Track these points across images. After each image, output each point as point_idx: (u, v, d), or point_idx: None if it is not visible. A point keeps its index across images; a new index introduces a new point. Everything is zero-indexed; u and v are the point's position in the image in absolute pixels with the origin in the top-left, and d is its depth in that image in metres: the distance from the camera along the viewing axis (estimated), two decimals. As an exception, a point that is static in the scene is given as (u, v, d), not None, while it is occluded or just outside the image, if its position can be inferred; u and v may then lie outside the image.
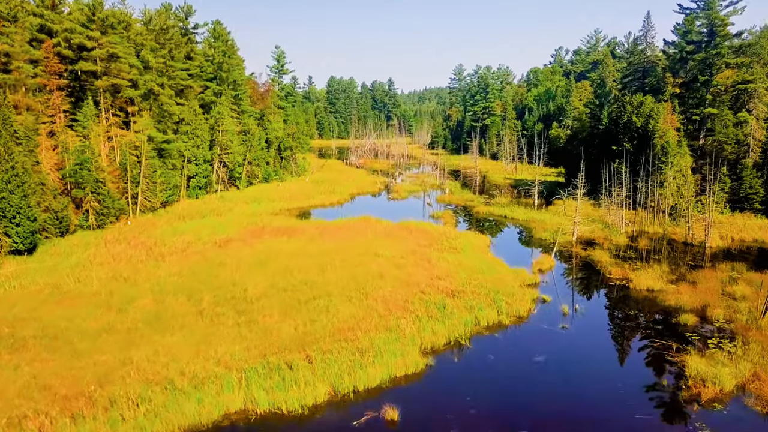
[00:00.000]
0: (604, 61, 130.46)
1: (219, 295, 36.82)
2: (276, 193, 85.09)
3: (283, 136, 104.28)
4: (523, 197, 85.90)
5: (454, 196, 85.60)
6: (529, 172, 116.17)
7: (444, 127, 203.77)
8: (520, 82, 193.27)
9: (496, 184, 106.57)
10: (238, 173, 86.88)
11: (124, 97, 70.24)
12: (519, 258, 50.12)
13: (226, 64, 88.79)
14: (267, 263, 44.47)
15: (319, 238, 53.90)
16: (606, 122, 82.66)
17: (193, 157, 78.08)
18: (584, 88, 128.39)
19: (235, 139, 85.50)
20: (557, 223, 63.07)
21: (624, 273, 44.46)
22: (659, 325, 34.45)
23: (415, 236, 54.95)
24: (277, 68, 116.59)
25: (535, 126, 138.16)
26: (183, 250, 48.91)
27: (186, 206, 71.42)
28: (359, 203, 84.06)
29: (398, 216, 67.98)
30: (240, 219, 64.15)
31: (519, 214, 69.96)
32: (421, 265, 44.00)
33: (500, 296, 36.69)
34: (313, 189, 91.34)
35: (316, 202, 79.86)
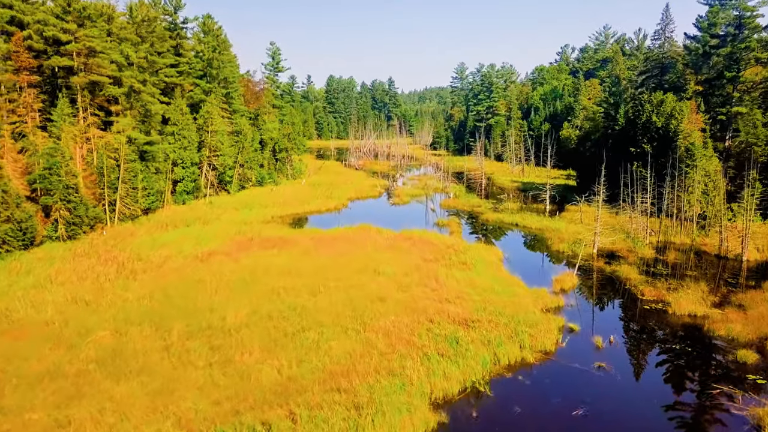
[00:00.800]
0: (614, 59, 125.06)
1: (192, 325, 31.41)
2: (269, 198, 79.68)
3: (278, 137, 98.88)
4: (533, 202, 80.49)
5: (459, 201, 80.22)
6: (537, 174, 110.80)
7: (446, 128, 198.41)
8: (524, 81, 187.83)
9: (502, 188, 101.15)
10: (229, 177, 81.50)
11: (106, 95, 64.83)
12: (537, 275, 44.71)
13: (217, 60, 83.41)
14: (252, 283, 39.06)
15: (312, 250, 48.48)
16: (622, 122, 77.26)
17: (179, 159, 72.71)
18: (593, 87, 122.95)
19: (225, 141, 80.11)
20: (574, 233, 57.67)
21: (658, 293, 39.03)
22: (713, 363, 29.06)
23: (420, 248, 49.55)
24: (273, 66, 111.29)
25: (541, 126, 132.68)
26: (159, 265, 43.48)
27: (170, 213, 66.00)
28: (358, 209, 78.67)
29: (400, 223, 62.59)
30: (228, 228, 58.73)
31: (531, 221, 64.54)
32: (428, 285, 38.57)
33: (522, 326, 31.27)
34: (309, 193, 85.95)
35: (311, 208, 74.46)
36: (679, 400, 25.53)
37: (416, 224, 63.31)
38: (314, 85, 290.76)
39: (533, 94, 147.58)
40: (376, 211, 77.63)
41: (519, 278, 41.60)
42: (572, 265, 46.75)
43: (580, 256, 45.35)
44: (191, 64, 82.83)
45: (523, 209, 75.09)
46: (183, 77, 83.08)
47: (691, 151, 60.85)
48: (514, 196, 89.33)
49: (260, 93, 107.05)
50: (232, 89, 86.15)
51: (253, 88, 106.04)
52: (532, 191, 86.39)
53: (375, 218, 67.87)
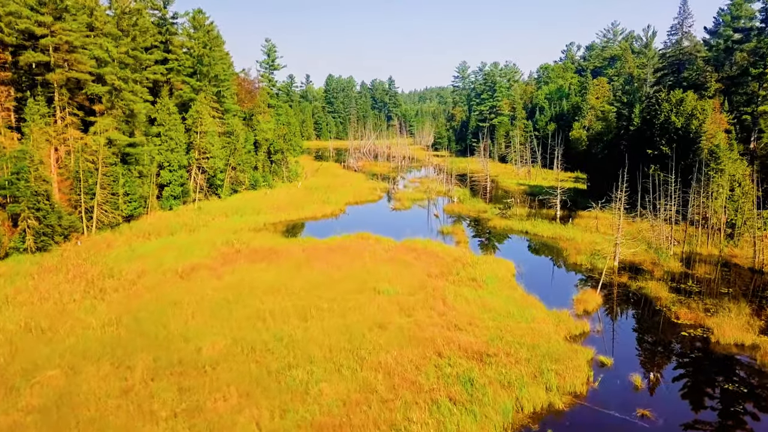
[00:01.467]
0: (623, 56, 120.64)
1: (161, 359, 26.86)
2: (263, 203, 75.11)
3: (273, 138, 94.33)
4: (542, 207, 75.90)
5: (463, 206, 75.66)
6: (544, 177, 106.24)
7: (447, 128, 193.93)
8: (527, 80, 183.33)
9: (508, 191, 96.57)
10: (220, 180, 76.95)
11: (88, 93, 60.26)
12: (555, 293, 40.15)
13: (207, 57, 78.84)
14: (235, 305, 34.50)
15: (305, 264, 43.91)
16: (638, 122, 72.71)
17: (166, 162, 68.16)
18: (601, 85, 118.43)
19: (216, 142, 75.55)
20: (591, 243, 53.14)
21: (695, 317, 34.47)
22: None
23: (424, 261, 44.99)
24: (268, 63, 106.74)
25: (547, 126, 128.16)
26: (133, 283, 38.90)
27: (155, 220, 61.44)
28: (356, 215, 74.11)
29: (401, 231, 58.10)
30: (215, 237, 54.16)
31: (543, 229, 59.95)
32: (434, 308, 34.00)
33: (546, 361, 26.72)
34: (305, 197, 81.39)
35: (307, 214, 69.86)
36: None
37: (419, 232, 58.82)
38: (313, 84, 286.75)
39: (538, 94, 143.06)
40: (376, 217, 73.08)
41: (536, 297, 37.05)
42: (593, 281, 42.21)
43: (603, 274, 40.70)
44: (180, 61, 78.28)
45: (532, 215, 70.49)
46: (173, 75, 78.62)
47: (715, 153, 56.32)
48: (522, 200, 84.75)
49: (255, 92, 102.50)
50: (224, 87, 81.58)
51: (248, 86, 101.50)
52: (541, 195, 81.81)
53: (374, 225, 63.37)
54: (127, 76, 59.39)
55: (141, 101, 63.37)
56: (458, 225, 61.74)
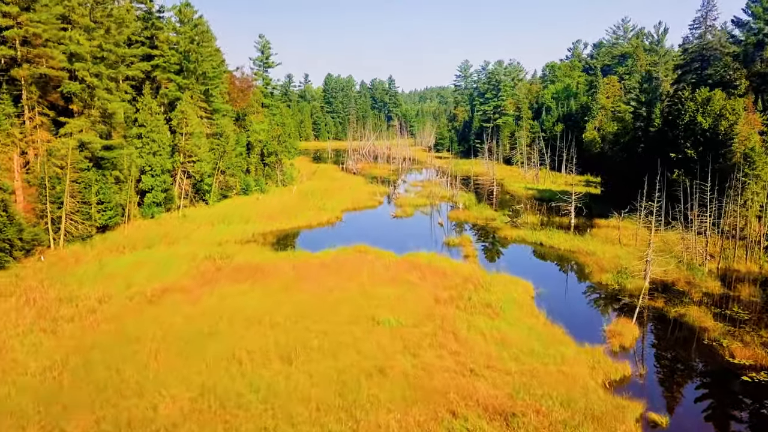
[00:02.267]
0: (635, 54, 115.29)
1: (105, 420, 21.50)
2: (253, 210, 69.72)
3: (267, 140, 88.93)
4: (553, 213, 70.52)
5: (469, 213, 70.24)
6: (553, 180, 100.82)
7: (449, 128, 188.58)
8: (532, 79, 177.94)
9: (515, 196, 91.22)
10: (207, 185, 71.52)
11: (64, 91, 54.81)
12: (582, 320, 34.78)
13: (195, 53, 73.42)
14: (208, 339, 29.14)
15: (294, 285, 38.54)
16: (659, 123, 67.35)
17: (148, 166, 62.74)
18: (612, 84, 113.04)
19: (203, 144, 70.13)
20: (614, 257, 47.77)
21: (754, 354, 29.07)
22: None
23: (430, 281, 39.60)
24: (262, 60, 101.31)
25: (554, 127, 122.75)
26: (93, 310, 33.48)
27: (133, 231, 56.05)
28: (354, 223, 68.72)
29: (403, 242, 52.86)
30: (196, 250, 48.76)
31: (559, 240, 54.54)
32: (445, 344, 28.62)
33: (586, 424, 21.33)
34: (299, 203, 75.99)
35: (300, 223, 64.41)
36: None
37: (422, 243, 53.47)
38: (312, 84, 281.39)
39: (544, 93, 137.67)
40: (375, 225, 67.70)
41: (562, 327, 31.71)
42: (624, 305, 36.85)
43: (640, 300, 35.18)
44: (166, 57, 72.84)
45: (544, 223, 65.14)
46: (159, 72, 73.23)
47: (750, 157, 50.95)
48: (531, 206, 79.37)
49: (248, 90, 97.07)
50: (212, 86, 76.12)
51: (240, 84, 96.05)
52: (553, 202, 76.38)
53: (373, 235, 58.12)
54: (101, 72, 53.93)
55: (118, 100, 57.94)
56: (466, 236, 56.33)
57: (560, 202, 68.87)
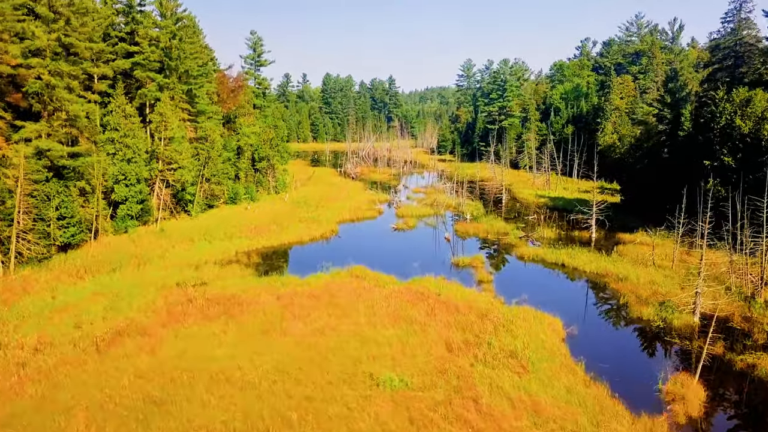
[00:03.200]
0: (651, 52, 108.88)
1: None
2: (241, 222, 63.27)
3: (258, 144, 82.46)
4: (571, 226, 64.05)
5: (479, 225, 63.70)
6: (565, 186, 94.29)
7: (452, 130, 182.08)
8: (537, 79, 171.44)
9: (525, 204, 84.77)
10: (190, 195, 65.01)
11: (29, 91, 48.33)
12: (629, 373, 28.24)
13: (176, 49, 66.93)
14: (155, 412, 22.63)
15: (276, 325, 32.06)
16: (688, 126, 60.87)
17: (121, 175, 56.26)
18: (626, 84, 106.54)
19: (185, 150, 63.64)
20: (650, 283, 41.30)
21: None
22: None
23: (439, 319, 33.09)
24: (253, 58, 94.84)
25: (564, 129, 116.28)
26: (22, 364, 26.98)
27: (101, 249, 49.55)
28: (351, 236, 62.25)
29: (406, 262, 46.55)
30: (167, 275, 42.30)
31: (583, 261, 47.98)
32: (462, 418, 22.13)
33: None
34: (291, 213, 69.50)
35: (291, 238, 57.83)
36: None
37: (427, 264, 47.08)
38: (310, 84, 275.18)
39: (552, 93, 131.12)
40: (375, 240, 61.21)
41: (606, 385, 25.26)
42: (678, 352, 30.35)
43: (704, 353, 28.44)
44: (145, 54, 66.37)
45: (562, 238, 58.73)
46: (138, 70, 66.82)
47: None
48: (544, 216, 72.90)
49: (238, 90, 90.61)
50: (196, 85, 69.55)
51: (230, 84, 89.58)
52: (572, 213, 69.98)
53: (372, 253, 51.83)
54: (61, 69, 47.39)
55: (82, 101, 51.38)
56: (477, 255, 49.72)
57: (579, 215, 62.32)
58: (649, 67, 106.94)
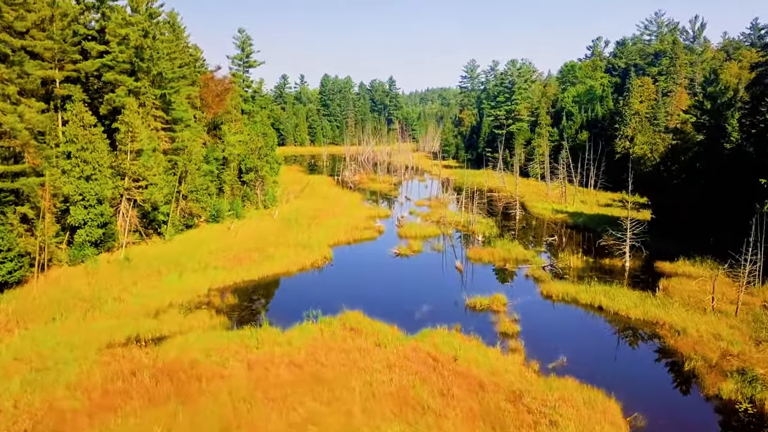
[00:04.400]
0: (673, 52, 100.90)
1: None
2: (221, 246, 55.22)
3: (245, 153, 74.36)
4: (599, 251, 56.00)
5: (494, 251, 55.46)
6: (583, 199, 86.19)
7: (455, 134, 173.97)
8: (546, 80, 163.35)
9: (539, 218, 76.73)
10: (164, 214, 56.87)
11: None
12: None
13: (149, 48, 58.83)
14: None
15: (243, 415, 23.97)
16: (736, 138, 52.85)
17: (78, 195, 48.18)
18: (646, 86, 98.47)
19: (158, 163, 55.58)
20: (714, 336, 33.28)
21: None
22: None
23: (459, 406, 25.04)
24: (241, 59, 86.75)
25: (578, 135, 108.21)
26: None
27: (46, 288, 41.43)
28: (346, 265, 54.15)
29: (411, 304, 38.79)
30: (118, 327, 34.21)
31: (624, 302, 39.79)
32: None
33: None
34: (280, 233, 61.40)
35: (275, 268, 49.52)
36: None
37: (438, 306, 39.23)
38: (308, 85, 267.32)
39: (564, 96, 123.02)
40: (374, 269, 53.07)
41: None
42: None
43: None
44: (113, 53, 58.33)
45: (591, 267, 50.71)
46: (105, 71, 58.88)
47: None
48: (564, 235, 64.86)
49: (225, 94, 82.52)
50: (171, 90, 61.33)
51: (216, 87, 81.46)
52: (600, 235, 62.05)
53: (371, 288, 44.03)
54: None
55: (28, 110, 43.23)
56: (497, 295, 41.52)
57: (610, 238, 54.19)
58: (671, 69, 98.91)
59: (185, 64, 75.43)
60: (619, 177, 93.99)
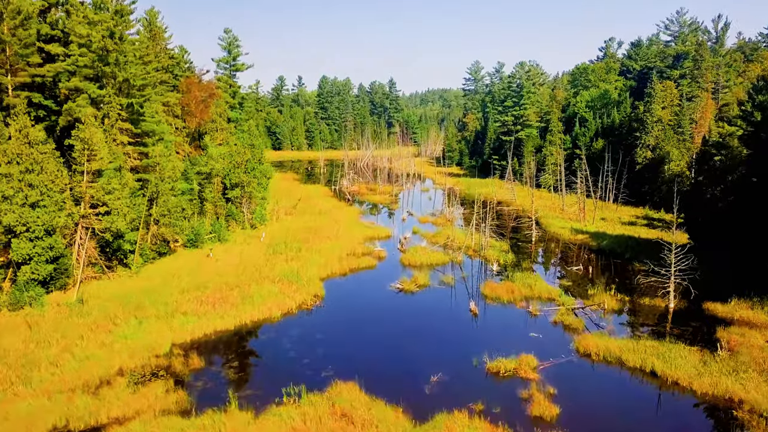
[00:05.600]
0: (699, 53, 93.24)
1: None
2: (195, 281, 47.51)
3: (230, 168, 66.69)
4: (633, 285, 48.33)
5: (513, 287, 47.53)
6: (603, 215, 78.38)
7: (459, 139, 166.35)
8: (555, 83, 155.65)
9: (557, 238, 69.05)
10: (130, 244, 49.15)
11: None
12: None
13: (114, 51, 51.18)
14: None
15: None
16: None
17: (21, 225, 40.54)
18: (669, 91, 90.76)
19: (121, 185, 47.87)
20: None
21: None
22: None
23: None
24: (228, 62, 79.04)
25: (593, 143, 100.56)
26: None
27: (-30, 345, 33.70)
28: (339, 306, 46.35)
29: (419, 361, 31.56)
30: (44, 411, 26.54)
31: (684, 369, 32.02)
32: None
33: None
34: (265, 263, 53.63)
35: (256, 313, 41.51)
36: None
37: (451, 372, 31.55)
38: (306, 87, 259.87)
39: (576, 101, 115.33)
40: (372, 313, 45.15)
41: None
42: None
43: None
44: (73, 57, 50.68)
45: (630, 309, 43.04)
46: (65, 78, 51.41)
47: None
48: (591, 263, 57.22)
49: (209, 100, 74.85)
50: (141, 98, 53.57)
51: (199, 93, 73.73)
52: (640, 276, 54.53)
53: (368, 343, 36.63)
54: None
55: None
56: (524, 357, 33.73)
57: (650, 274, 46.41)
58: (695, 72, 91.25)
59: (163, 68, 67.89)
60: (640, 190, 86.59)
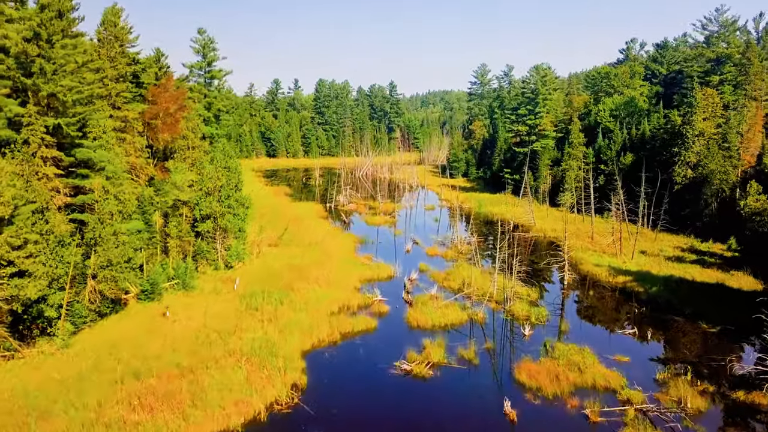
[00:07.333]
0: (746, 58, 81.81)
1: None
2: (137, 360, 36.00)
3: (198, 197, 55.24)
4: (712, 362, 36.94)
5: (557, 368, 36.09)
6: (642, 245, 66.86)
7: (465, 148, 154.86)
8: (569, 88, 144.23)
9: (593, 279, 57.64)
10: (55, 310, 37.56)
11: None
12: None
13: (41, 58, 39.76)
14: None
15: None
16: None
17: None
18: (711, 99, 79.29)
19: (42, 232, 36.40)
20: None
21: None
22: None
23: None
24: (201, 67, 67.54)
25: (620, 158, 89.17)
26: None
27: None
28: (325, 402, 34.80)
29: None
30: None
31: None
32: None
33: None
34: (234, 327, 42.02)
35: (208, 425, 30.07)
36: None
37: None
38: (302, 90, 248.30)
39: (599, 109, 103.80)
40: (370, 410, 33.74)
41: None
42: None
43: None
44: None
45: (721, 412, 31.65)
46: None
47: None
48: (645, 321, 45.82)
49: (179, 113, 63.39)
50: (74, 117, 42.08)
51: (167, 103, 62.21)
52: (691, 320, 43.11)
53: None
54: None
55: None
56: None
57: (749, 367, 34.85)
58: (741, 79, 79.92)
59: (121, 77, 56.45)
60: (679, 213, 75.25)
